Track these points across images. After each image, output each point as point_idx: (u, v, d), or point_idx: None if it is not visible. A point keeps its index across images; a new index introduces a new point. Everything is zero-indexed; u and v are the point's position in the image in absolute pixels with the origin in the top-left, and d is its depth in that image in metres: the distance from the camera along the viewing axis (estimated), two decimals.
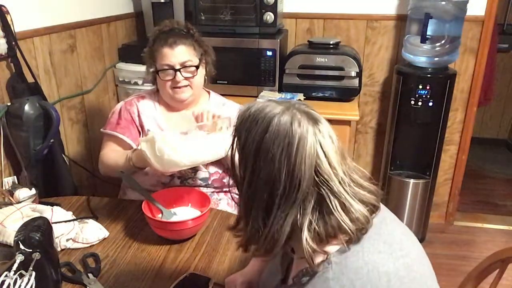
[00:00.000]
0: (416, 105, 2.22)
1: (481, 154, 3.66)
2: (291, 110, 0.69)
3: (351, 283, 0.65)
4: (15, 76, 1.60)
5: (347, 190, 0.69)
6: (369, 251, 0.68)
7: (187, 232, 1.22)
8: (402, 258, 0.70)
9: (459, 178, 2.63)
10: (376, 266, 0.66)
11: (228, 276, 1.04)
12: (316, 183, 0.67)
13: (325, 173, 0.67)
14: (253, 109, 0.71)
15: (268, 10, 2.16)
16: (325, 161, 0.67)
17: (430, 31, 2.12)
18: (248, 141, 0.69)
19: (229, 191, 1.57)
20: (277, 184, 0.66)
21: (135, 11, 2.51)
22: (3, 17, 1.52)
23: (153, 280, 1.08)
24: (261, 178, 0.68)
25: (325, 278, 0.67)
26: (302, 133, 0.66)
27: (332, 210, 0.67)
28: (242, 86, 2.24)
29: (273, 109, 0.69)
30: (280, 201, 0.67)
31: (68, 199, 1.45)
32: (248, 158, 0.69)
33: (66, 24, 1.91)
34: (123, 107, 1.53)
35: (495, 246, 2.48)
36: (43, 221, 0.97)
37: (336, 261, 0.67)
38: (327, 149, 0.68)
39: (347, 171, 0.70)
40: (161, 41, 1.43)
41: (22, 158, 1.62)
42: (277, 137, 0.66)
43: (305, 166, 0.66)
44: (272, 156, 0.66)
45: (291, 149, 0.66)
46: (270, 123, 0.67)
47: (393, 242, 0.71)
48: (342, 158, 0.70)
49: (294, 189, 0.66)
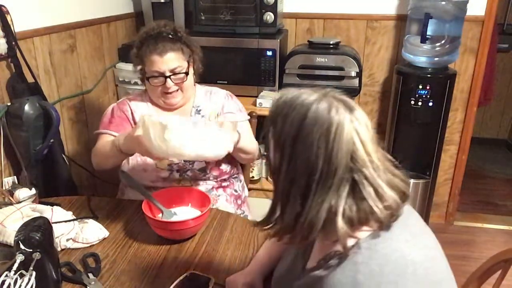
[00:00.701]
0: (416, 105, 2.22)
1: (481, 154, 3.66)
2: (328, 97, 0.71)
3: (380, 268, 0.66)
4: (15, 76, 1.60)
5: (381, 177, 0.70)
6: (398, 239, 0.70)
7: (187, 232, 1.22)
8: (427, 250, 0.72)
9: (459, 178, 2.63)
10: (404, 254, 0.68)
11: (228, 276, 1.04)
12: (351, 169, 0.68)
13: (360, 160, 0.68)
14: (289, 96, 0.73)
15: (268, 10, 2.16)
16: (361, 148, 0.69)
17: (430, 31, 2.12)
18: (285, 127, 0.70)
19: (228, 179, 1.57)
20: (315, 170, 0.68)
21: (135, 11, 2.51)
22: (3, 17, 1.52)
23: (153, 280, 1.07)
24: (299, 164, 0.69)
25: (354, 262, 0.68)
26: (340, 120, 0.68)
27: (366, 196, 0.69)
28: (242, 86, 2.24)
29: (309, 96, 0.71)
30: (316, 187, 0.68)
31: (68, 199, 1.45)
32: (286, 145, 0.70)
33: (66, 24, 1.91)
34: (115, 107, 1.54)
35: (495, 246, 2.48)
36: (43, 221, 0.97)
37: (366, 246, 0.69)
38: (363, 136, 0.69)
39: (381, 159, 0.72)
40: (149, 46, 1.40)
41: (22, 158, 1.62)
42: (315, 123, 0.68)
43: (342, 153, 0.67)
44: (311, 141, 0.67)
45: (329, 136, 0.67)
46: (309, 110, 0.69)
47: (418, 235, 0.74)
48: (376, 145, 0.72)
49: (330, 175, 0.67)
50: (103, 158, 1.43)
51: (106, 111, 1.55)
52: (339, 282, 0.68)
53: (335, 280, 0.68)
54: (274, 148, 0.74)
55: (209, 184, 1.53)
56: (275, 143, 0.73)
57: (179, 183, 1.49)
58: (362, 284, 0.66)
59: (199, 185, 1.50)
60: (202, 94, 1.59)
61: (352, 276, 0.67)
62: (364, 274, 0.66)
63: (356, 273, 0.67)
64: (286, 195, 0.71)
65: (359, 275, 0.66)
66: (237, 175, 1.65)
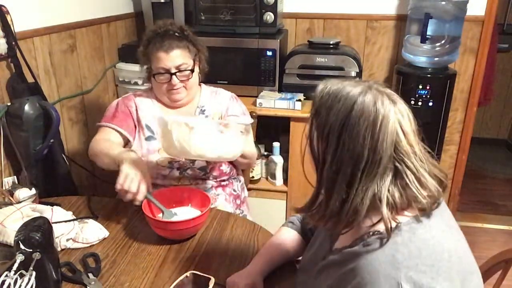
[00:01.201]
0: (416, 105, 2.22)
1: (481, 154, 3.66)
2: (372, 90, 0.74)
3: (418, 250, 0.69)
4: (15, 76, 1.60)
5: (423, 166, 0.74)
6: (435, 227, 0.74)
7: (187, 232, 1.22)
8: (460, 242, 0.76)
9: (459, 178, 2.63)
10: (441, 241, 0.72)
11: (228, 276, 1.04)
12: (395, 159, 0.72)
13: (403, 150, 0.72)
14: (333, 88, 0.76)
15: (268, 10, 2.16)
16: (403, 139, 0.72)
17: (430, 31, 2.12)
18: (330, 118, 0.73)
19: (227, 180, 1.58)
20: (361, 159, 0.71)
21: (135, 11, 2.51)
22: (3, 17, 1.52)
23: (153, 280, 1.08)
24: (345, 154, 0.72)
25: (395, 241, 0.71)
26: (385, 112, 0.71)
27: (409, 183, 0.73)
28: (242, 86, 2.24)
29: (354, 89, 0.74)
30: (362, 175, 0.71)
31: (68, 199, 1.45)
32: (331, 135, 0.73)
33: (66, 24, 1.91)
34: (120, 101, 1.55)
35: (495, 246, 2.48)
36: (43, 221, 0.97)
37: (406, 229, 0.72)
38: (405, 127, 0.73)
39: (421, 150, 0.76)
40: (156, 44, 1.44)
41: (22, 158, 1.62)
42: (362, 115, 0.71)
43: (386, 143, 0.71)
44: (357, 132, 0.71)
45: (375, 127, 0.71)
46: (355, 102, 0.72)
47: (453, 227, 0.78)
48: (417, 137, 0.75)
49: (375, 164, 0.71)
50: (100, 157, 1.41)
51: (110, 105, 1.56)
52: (377, 259, 0.70)
53: (374, 256, 0.71)
54: (317, 138, 0.77)
55: (208, 184, 1.53)
56: (318, 133, 0.76)
57: (178, 181, 1.49)
58: (400, 263, 0.68)
59: (198, 184, 1.50)
60: (207, 94, 1.60)
61: (391, 255, 0.69)
62: (403, 254, 0.69)
63: (395, 252, 0.69)
64: (331, 183, 0.74)
65: (398, 255, 0.69)
66: (236, 176, 1.66)
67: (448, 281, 0.68)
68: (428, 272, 0.68)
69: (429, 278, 0.67)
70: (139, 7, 2.44)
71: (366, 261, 0.71)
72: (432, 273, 0.68)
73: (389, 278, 0.67)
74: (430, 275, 0.67)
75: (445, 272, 0.69)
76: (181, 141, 1.16)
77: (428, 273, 0.67)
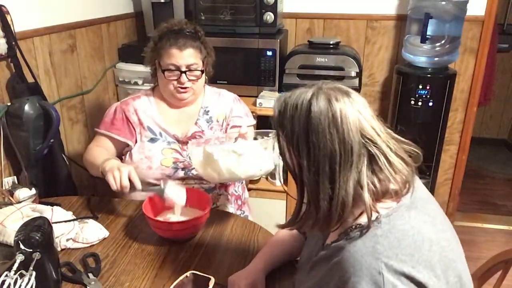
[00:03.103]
0: (416, 105, 2.22)
1: (481, 154, 3.66)
2: (323, 89, 0.78)
3: (398, 241, 0.72)
4: (15, 76, 1.60)
5: (390, 147, 0.78)
6: (416, 219, 0.76)
7: (187, 232, 1.22)
8: (443, 232, 0.78)
9: (459, 178, 2.63)
10: (421, 231, 0.74)
11: (228, 275, 1.04)
12: (364, 145, 0.75)
13: (369, 135, 0.76)
14: (288, 100, 0.80)
15: (268, 10, 2.16)
16: (366, 124, 0.76)
17: (430, 31, 2.12)
18: (294, 127, 0.77)
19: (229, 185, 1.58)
20: (334, 153, 0.74)
21: (135, 11, 2.51)
22: (3, 17, 1.52)
23: (153, 280, 1.08)
24: (318, 153, 0.75)
25: (375, 234, 0.74)
26: (342, 106, 0.75)
27: (381, 165, 0.76)
28: (242, 86, 2.24)
29: (306, 94, 0.78)
30: (340, 168, 0.74)
31: (68, 199, 1.45)
32: (300, 142, 0.77)
33: (66, 24, 1.91)
34: (118, 107, 1.55)
35: (495, 246, 2.48)
36: (43, 221, 0.97)
37: (386, 221, 0.75)
38: (365, 114, 0.77)
39: (384, 131, 0.79)
40: (170, 40, 1.44)
41: (22, 158, 1.62)
42: (321, 114, 0.75)
43: (352, 132, 0.74)
44: (322, 131, 0.74)
45: (336, 121, 0.74)
46: (311, 104, 0.76)
47: (436, 218, 0.79)
48: (377, 119, 0.79)
49: (348, 153, 0.74)
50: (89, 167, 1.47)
51: (109, 110, 1.56)
52: (359, 250, 0.73)
53: (356, 248, 0.73)
54: (289, 151, 0.80)
55: (212, 183, 1.53)
56: (287, 144, 0.79)
57: (183, 181, 1.49)
58: (381, 253, 0.71)
59: (202, 184, 1.50)
60: (211, 95, 1.61)
61: (372, 246, 0.72)
62: (383, 245, 0.72)
63: (375, 243, 0.72)
64: (315, 185, 0.76)
65: (378, 246, 0.72)
66: None
67: (429, 269, 0.71)
68: (408, 261, 0.70)
69: (409, 267, 0.70)
70: (139, 7, 2.44)
71: (348, 253, 0.74)
72: (412, 262, 0.70)
73: (371, 269, 0.70)
74: (410, 264, 0.70)
75: (426, 261, 0.71)
76: (231, 168, 1.18)
77: (409, 262, 0.70)
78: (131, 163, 1.48)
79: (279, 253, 1.09)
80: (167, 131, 1.51)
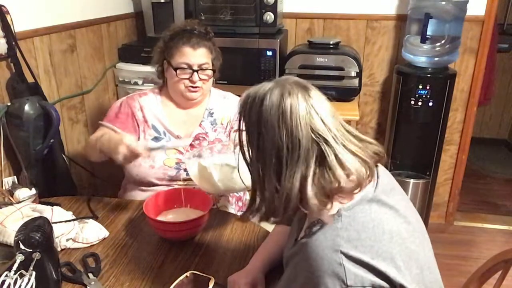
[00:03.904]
0: (416, 105, 2.22)
1: (481, 154, 3.66)
2: (282, 83, 0.80)
3: (358, 233, 0.73)
4: (15, 76, 1.60)
5: (344, 145, 0.78)
6: (376, 211, 0.77)
7: (187, 232, 1.22)
8: (405, 224, 0.79)
9: (459, 178, 2.63)
10: (382, 223, 0.75)
11: (228, 275, 1.04)
12: (314, 140, 0.76)
13: (319, 130, 0.76)
14: (251, 93, 0.82)
15: (268, 10, 2.16)
16: (319, 120, 0.77)
17: (430, 31, 2.12)
18: (251, 117, 0.80)
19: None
20: (281, 146, 0.76)
21: (135, 11, 2.51)
22: (3, 17, 1.52)
23: (153, 280, 1.08)
24: (266, 145, 0.77)
25: (335, 227, 0.75)
26: (293, 100, 0.76)
27: (330, 164, 0.76)
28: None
29: (266, 86, 0.81)
30: (286, 161, 0.76)
31: (68, 199, 1.45)
32: (253, 132, 0.80)
33: (66, 24, 1.91)
34: (124, 102, 1.54)
35: (495, 246, 2.48)
36: (43, 221, 0.97)
37: (346, 215, 0.76)
38: (318, 110, 0.77)
39: (339, 128, 0.79)
40: (183, 38, 1.45)
41: (22, 158, 1.62)
42: (272, 107, 0.77)
43: (301, 126, 0.75)
44: (271, 123, 0.76)
45: (285, 115, 0.76)
46: (265, 97, 0.78)
47: (399, 210, 0.80)
48: (334, 117, 0.79)
49: (296, 147, 0.75)
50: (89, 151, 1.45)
51: (114, 104, 1.56)
52: (320, 244, 0.74)
53: (317, 243, 0.75)
54: (246, 139, 0.82)
55: None
56: (246, 134, 0.82)
57: (185, 182, 1.48)
58: (340, 246, 0.73)
59: None
60: (217, 98, 1.61)
61: (332, 239, 0.74)
62: (342, 237, 0.73)
63: (335, 236, 0.74)
64: (262, 176, 0.79)
65: (338, 238, 0.73)
66: None
67: (389, 260, 0.72)
68: (368, 252, 0.72)
69: (369, 257, 0.71)
70: (139, 7, 2.44)
71: (310, 249, 0.76)
72: (371, 254, 0.72)
73: (332, 261, 0.72)
74: (370, 255, 0.72)
75: (386, 252, 0.73)
76: (225, 181, 1.17)
77: (368, 254, 0.72)
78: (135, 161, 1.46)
79: (275, 251, 1.09)
80: (171, 132, 1.51)
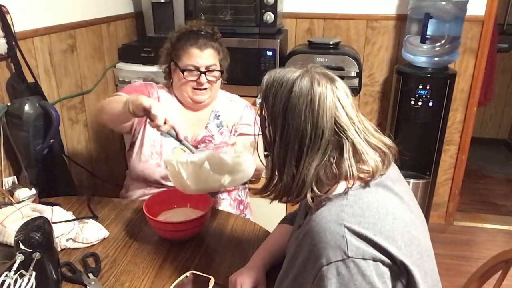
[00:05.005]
0: (416, 105, 2.22)
1: (481, 154, 3.66)
2: (310, 72, 0.81)
3: (362, 211, 0.75)
4: (15, 76, 1.60)
5: (361, 137, 0.80)
6: (382, 195, 0.80)
7: (187, 233, 1.22)
8: (408, 212, 0.81)
9: (459, 178, 2.63)
10: (386, 205, 0.78)
11: (229, 275, 1.04)
12: (336, 132, 0.79)
13: (343, 123, 0.79)
14: (276, 76, 0.83)
15: (268, 10, 2.16)
16: (343, 112, 0.79)
17: (430, 31, 2.12)
18: (276, 102, 0.81)
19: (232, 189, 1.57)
20: (305, 135, 0.78)
21: (135, 11, 2.51)
22: (3, 17, 1.52)
23: (153, 280, 1.08)
24: (291, 131, 0.79)
25: (340, 204, 0.78)
26: (322, 90, 0.78)
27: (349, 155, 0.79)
28: (242, 86, 2.24)
29: (294, 73, 0.82)
30: (307, 149, 0.79)
31: (68, 199, 1.45)
32: (278, 117, 0.81)
33: (66, 24, 1.91)
34: (143, 85, 1.53)
35: (495, 246, 2.48)
36: (43, 221, 0.97)
37: (352, 194, 0.79)
38: (344, 102, 0.80)
39: (361, 121, 0.82)
40: (190, 40, 1.44)
41: (22, 158, 1.62)
42: (301, 95, 0.79)
43: (326, 118, 0.78)
44: (298, 111, 0.78)
45: (313, 105, 0.78)
46: (294, 85, 0.80)
47: (403, 198, 0.82)
48: (357, 111, 0.82)
49: (318, 138, 0.78)
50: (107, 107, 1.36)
51: (134, 83, 1.55)
52: (324, 218, 0.76)
53: (321, 216, 0.77)
54: (268, 123, 0.84)
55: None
56: (268, 118, 0.84)
57: None
58: (344, 220, 0.74)
59: None
60: (223, 100, 1.60)
61: (336, 214, 0.76)
62: (347, 213, 0.75)
63: (340, 212, 0.76)
64: (282, 161, 0.82)
65: (342, 213, 0.75)
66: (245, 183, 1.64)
67: (390, 239, 0.73)
68: (371, 229, 0.73)
69: (371, 234, 0.73)
70: (139, 7, 2.44)
71: (314, 222, 0.77)
72: (374, 230, 0.73)
73: (335, 233, 0.73)
74: (372, 232, 0.73)
75: (388, 231, 0.74)
76: (193, 179, 1.13)
77: (371, 230, 0.73)
78: (138, 160, 1.46)
79: (276, 249, 1.09)
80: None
